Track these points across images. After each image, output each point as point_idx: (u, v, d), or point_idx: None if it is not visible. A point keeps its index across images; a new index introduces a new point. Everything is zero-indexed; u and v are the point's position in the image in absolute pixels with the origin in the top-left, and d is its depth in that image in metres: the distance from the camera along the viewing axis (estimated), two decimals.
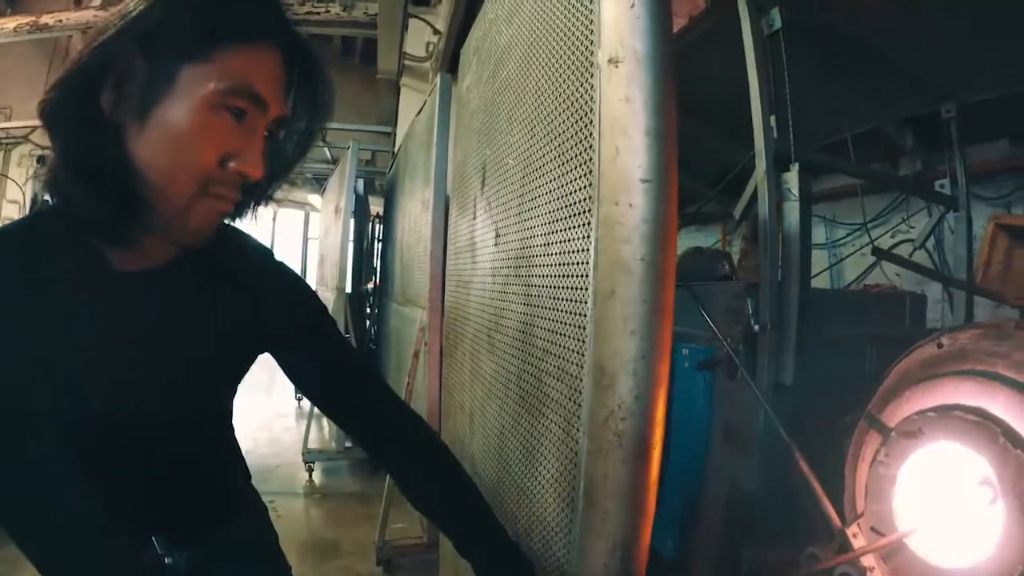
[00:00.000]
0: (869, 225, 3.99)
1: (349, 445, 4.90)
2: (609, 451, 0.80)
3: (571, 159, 0.99)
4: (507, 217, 1.38)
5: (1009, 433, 1.31)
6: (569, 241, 0.98)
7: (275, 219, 13.56)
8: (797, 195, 2.26)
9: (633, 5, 0.83)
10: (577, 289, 0.93)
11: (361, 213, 6.16)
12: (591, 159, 0.89)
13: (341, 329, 4.27)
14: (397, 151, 4.79)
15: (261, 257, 1.02)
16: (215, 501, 1.04)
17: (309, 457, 4.70)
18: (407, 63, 5.58)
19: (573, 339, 0.93)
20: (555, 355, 1.00)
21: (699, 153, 3.99)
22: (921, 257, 3.29)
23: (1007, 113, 3.23)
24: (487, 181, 1.60)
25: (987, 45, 2.75)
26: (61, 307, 0.77)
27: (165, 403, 0.87)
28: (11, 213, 8.31)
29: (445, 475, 1.01)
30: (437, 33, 4.85)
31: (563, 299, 0.99)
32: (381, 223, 5.84)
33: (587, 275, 0.87)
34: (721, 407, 2.21)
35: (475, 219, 1.72)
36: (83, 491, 0.76)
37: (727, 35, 2.61)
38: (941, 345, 1.65)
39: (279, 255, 1.05)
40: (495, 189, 1.51)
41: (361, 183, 6.00)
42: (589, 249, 0.87)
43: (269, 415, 6.44)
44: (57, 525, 0.74)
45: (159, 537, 0.95)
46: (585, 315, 0.87)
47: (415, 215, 3.09)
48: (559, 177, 1.04)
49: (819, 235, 4.71)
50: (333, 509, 4.10)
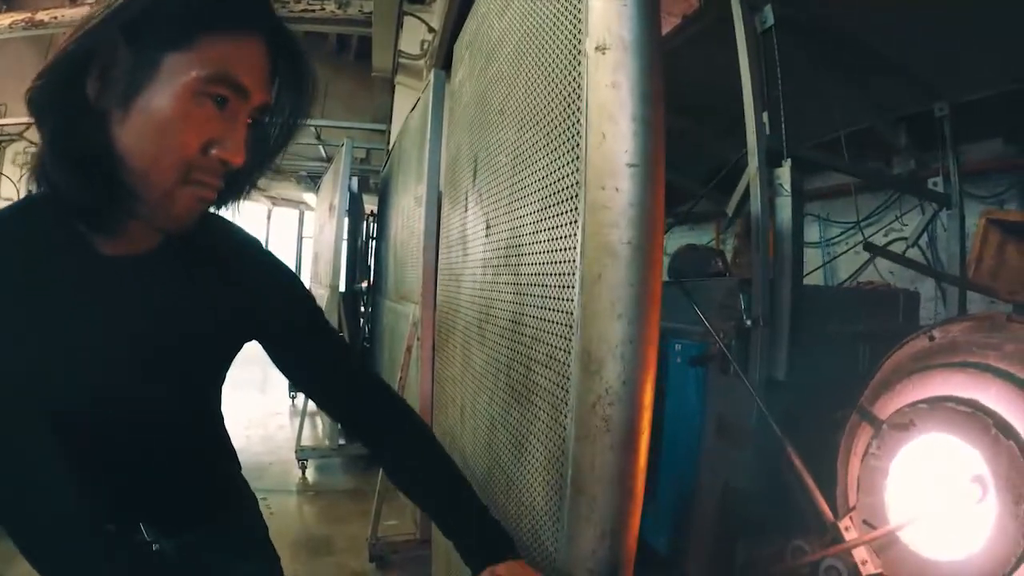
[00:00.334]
0: (863, 223, 4.00)
1: (343, 442, 4.90)
2: (596, 437, 0.80)
3: (559, 146, 0.99)
4: (497, 208, 1.38)
5: (1001, 424, 1.31)
6: (557, 228, 0.97)
7: (270, 217, 13.57)
8: (789, 191, 2.26)
9: None
10: (565, 275, 0.93)
11: (355, 211, 6.15)
12: (578, 145, 0.88)
13: (335, 327, 4.23)
14: (391, 148, 4.78)
15: (250, 247, 1.02)
16: (204, 490, 1.03)
17: (302, 454, 4.69)
18: (402, 61, 5.58)
19: (561, 325, 0.93)
20: (544, 342, 1.00)
21: (693, 151, 3.99)
22: (914, 255, 3.30)
23: (1000, 112, 3.24)
24: (478, 173, 1.60)
25: (980, 44, 2.75)
26: (46, 290, 0.78)
27: (149, 388, 0.87)
28: None
29: (431, 460, 1.01)
30: (432, 31, 4.85)
31: (551, 286, 0.98)
32: (375, 221, 5.84)
33: (575, 260, 0.87)
34: (714, 402, 2.21)
35: (467, 212, 1.72)
36: (70, 480, 0.76)
37: (720, 34, 2.61)
38: (933, 338, 1.65)
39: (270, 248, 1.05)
40: (486, 181, 1.50)
41: (355, 181, 5.99)
42: (576, 235, 0.86)
43: (263, 413, 6.42)
44: (43, 515, 0.75)
45: (148, 525, 0.95)
46: (573, 300, 0.87)
47: (408, 211, 3.09)
48: (548, 165, 1.04)
49: (813, 233, 4.72)
50: (326, 506, 4.10)
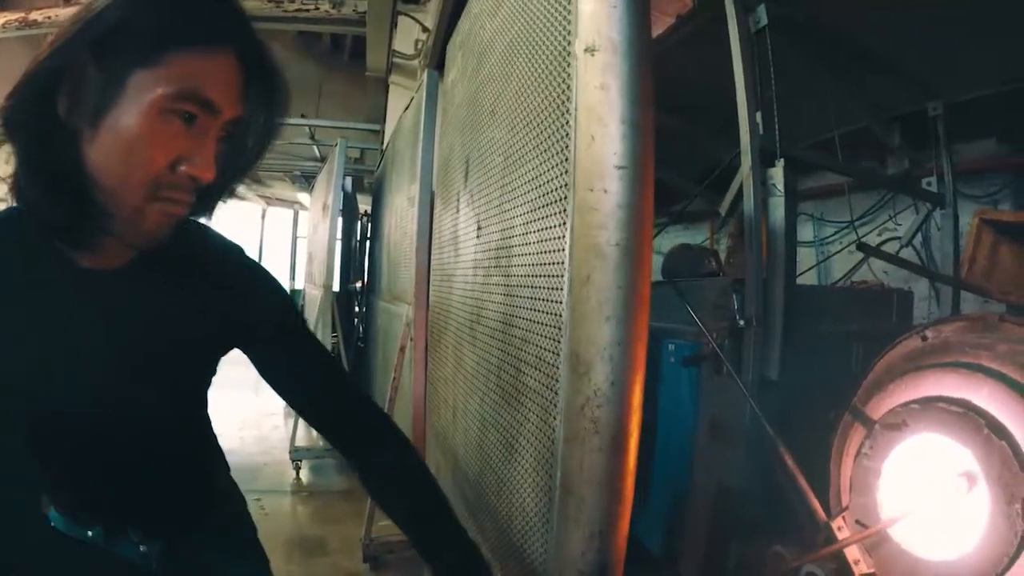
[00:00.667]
0: (856, 223, 4.01)
1: None
2: (585, 439, 0.80)
3: (549, 148, 0.99)
4: (488, 209, 1.37)
5: (993, 424, 1.31)
6: (546, 229, 0.97)
7: (264, 217, 13.53)
8: (782, 191, 2.26)
9: None
10: (554, 276, 0.93)
11: (349, 211, 6.14)
12: (567, 147, 0.88)
13: (329, 327, 4.22)
14: (385, 148, 4.78)
15: (231, 254, 1.02)
16: (191, 493, 1.04)
17: (296, 455, 4.67)
18: (396, 61, 5.56)
19: (550, 327, 0.93)
20: (533, 344, 1.00)
21: (687, 151, 4.00)
22: (908, 254, 3.30)
23: (993, 111, 3.24)
24: (470, 174, 1.60)
25: (974, 43, 2.76)
26: (24, 301, 0.79)
27: (129, 395, 0.87)
28: None
29: (413, 481, 1.00)
30: (426, 31, 4.84)
31: (541, 287, 0.98)
32: (369, 221, 5.83)
33: (563, 262, 0.87)
34: (707, 402, 2.21)
35: (458, 213, 1.72)
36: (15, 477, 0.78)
37: (714, 33, 2.61)
38: (926, 338, 1.65)
39: (260, 255, 1.04)
40: (477, 182, 1.50)
41: (349, 181, 5.98)
42: (565, 236, 0.86)
43: (256, 414, 6.40)
44: None
45: (135, 527, 0.96)
46: (562, 302, 0.86)
47: (402, 211, 3.08)
48: (537, 166, 1.04)
49: (807, 233, 4.73)
50: (320, 507, 4.08)
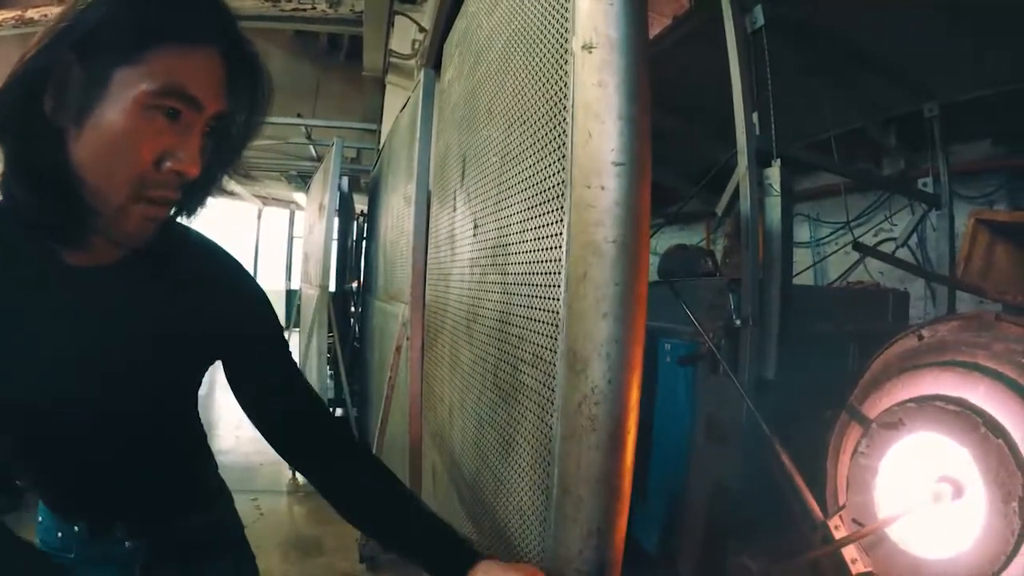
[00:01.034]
0: (852, 223, 4.01)
1: None
2: (582, 437, 0.80)
3: (546, 145, 0.98)
4: (485, 207, 1.37)
5: (990, 423, 1.32)
6: (543, 227, 0.97)
7: (260, 217, 13.51)
8: (778, 190, 2.26)
9: None
10: (551, 274, 0.92)
11: (345, 211, 6.13)
12: (564, 144, 0.88)
13: (325, 328, 4.22)
14: (381, 148, 4.77)
15: (216, 257, 1.02)
16: (177, 491, 1.04)
17: None
18: (393, 60, 5.56)
19: (547, 324, 0.92)
20: (530, 342, 1.00)
21: (683, 151, 4.00)
22: (904, 255, 3.31)
23: (989, 112, 3.25)
24: (467, 173, 1.59)
25: (970, 44, 2.77)
26: (8, 295, 0.80)
27: (112, 392, 0.88)
28: None
29: (380, 488, 0.98)
30: (423, 30, 4.83)
31: (538, 285, 0.98)
32: (366, 221, 5.82)
33: (560, 259, 0.86)
34: (704, 402, 2.21)
35: (455, 211, 1.72)
36: None
37: (711, 34, 2.62)
38: (922, 337, 1.66)
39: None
40: (474, 180, 1.50)
41: (346, 181, 5.96)
42: (562, 233, 0.86)
43: None
44: None
45: (120, 524, 0.97)
46: (559, 300, 0.86)
47: (398, 211, 3.08)
48: (534, 164, 1.04)
49: (803, 233, 4.73)
50: (316, 507, 4.06)
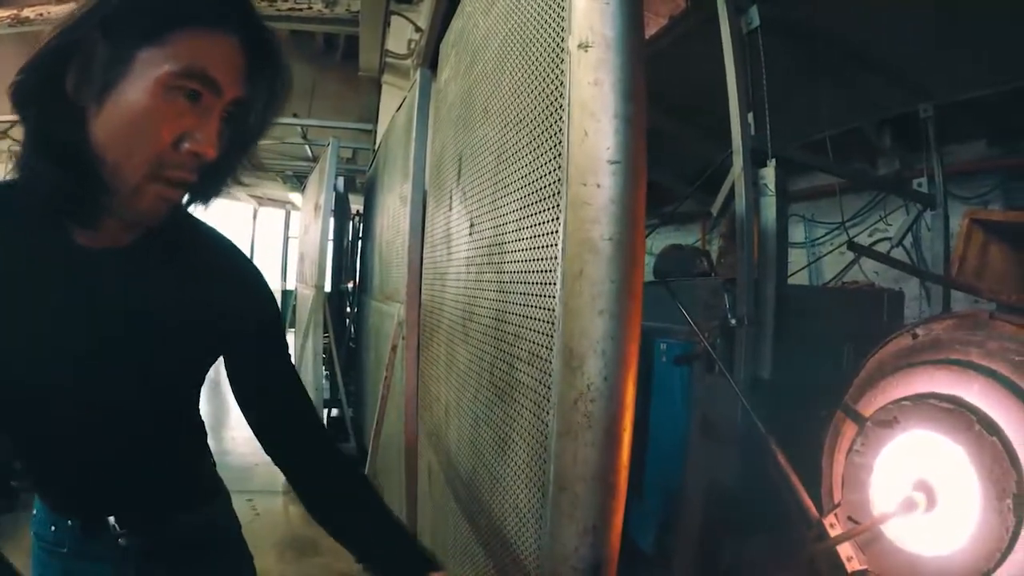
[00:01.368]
0: (847, 223, 4.02)
1: None
2: (578, 433, 0.80)
3: (542, 144, 0.99)
4: (481, 206, 1.38)
5: (984, 420, 1.32)
6: (539, 225, 0.97)
7: (256, 217, 13.50)
8: (774, 191, 2.27)
9: None
10: (547, 272, 0.93)
11: (341, 211, 6.12)
12: (561, 143, 0.88)
13: (320, 328, 4.21)
14: (377, 148, 4.77)
15: (225, 249, 1.02)
16: (174, 487, 1.03)
17: None
18: (389, 61, 5.57)
19: (543, 322, 0.93)
20: (526, 340, 1.00)
21: (679, 151, 4.01)
22: (899, 255, 3.32)
23: (984, 113, 3.27)
24: (463, 172, 1.60)
25: (965, 45, 2.78)
26: (18, 273, 0.80)
27: (115, 377, 0.87)
28: None
29: (354, 502, 1.00)
30: (419, 31, 4.84)
31: (534, 283, 0.98)
32: (361, 221, 5.81)
33: (556, 257, 0.87)
34: (699, 401, 2.22)
35: (451, 211, 1.72)
36: None
37: (707, 34, 2.63)
38: (916, 336, 1.66)
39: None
40: (470, 179, 1.50)
41: (341, 181, 5.96)
42: (558, 231, 0.86)
43: None
44: None
45: (116, 520, 0.96)
46: (555, 297, 0.87)
47: (394, 210, 3.07)
48: (531, 162, 1.04)
49: (798, 234, 4.75)
50: None
